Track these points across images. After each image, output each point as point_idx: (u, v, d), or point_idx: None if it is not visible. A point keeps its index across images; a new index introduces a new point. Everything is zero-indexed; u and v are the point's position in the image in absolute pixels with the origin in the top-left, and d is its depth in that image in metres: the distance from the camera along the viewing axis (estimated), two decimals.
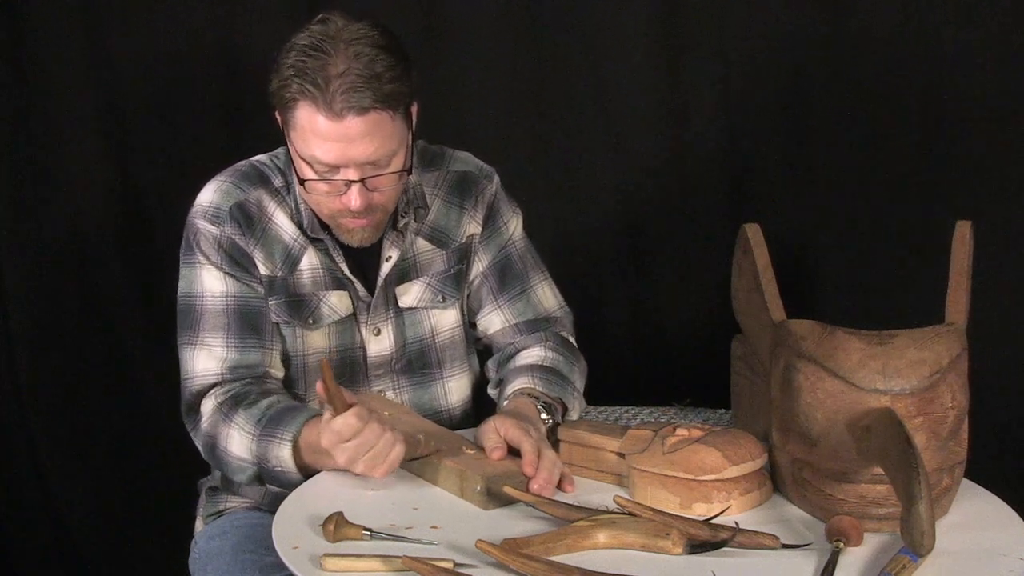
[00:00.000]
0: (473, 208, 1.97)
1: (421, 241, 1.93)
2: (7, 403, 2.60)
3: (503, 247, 1.99)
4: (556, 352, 1.94)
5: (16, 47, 2.49)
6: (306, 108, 1.69)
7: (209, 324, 1.83)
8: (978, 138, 2.32)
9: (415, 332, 1.94)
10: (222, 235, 1.83)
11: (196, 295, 1.85)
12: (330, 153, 1.71)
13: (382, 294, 1.91)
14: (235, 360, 1.82)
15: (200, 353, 1.83)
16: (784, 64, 2.42)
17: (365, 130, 1.69)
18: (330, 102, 1.67)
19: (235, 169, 1.90)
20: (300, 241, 1.86)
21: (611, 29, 2.47)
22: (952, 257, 1.61)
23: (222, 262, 1.84)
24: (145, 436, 2.61)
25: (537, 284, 2.01)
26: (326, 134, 1.69)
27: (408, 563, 1.37)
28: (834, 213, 2.44)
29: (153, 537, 2.60)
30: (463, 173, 1.98)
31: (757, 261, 1.69)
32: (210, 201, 1.85)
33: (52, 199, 2.56)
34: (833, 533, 1.45)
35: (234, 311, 1.83)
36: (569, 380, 1.90)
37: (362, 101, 1.67)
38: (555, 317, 2.02)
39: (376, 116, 1.69)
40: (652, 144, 2.52)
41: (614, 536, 1.46)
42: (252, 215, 1.85)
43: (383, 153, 1.73)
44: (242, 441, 1.76)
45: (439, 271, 1.95)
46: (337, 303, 1.88)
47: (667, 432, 1.61)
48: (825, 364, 1.49)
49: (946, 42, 2.31)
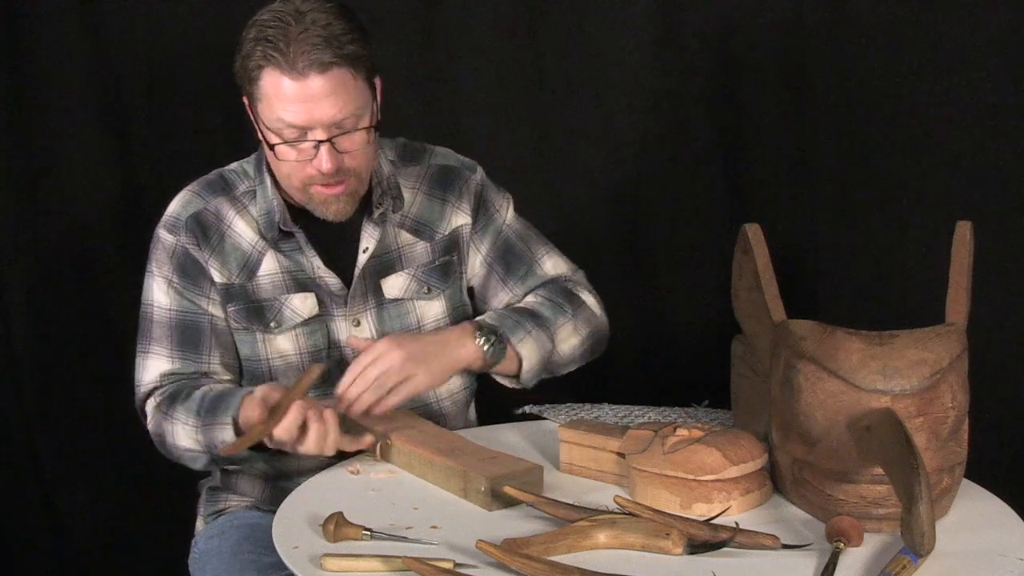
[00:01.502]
0: (458, 199, 1.99)
1: (404, 234, 1.96)
2: (7, 404, 2.60)
3: (500, 232, 2.01)
4: (541, 297, 1.97)
5: (16, 47, 2.49)
6: (270, 74, 1.75)
7: (156, 334, 1.92)
8: (978, 138, 2.32)
9: (401, 323, 1.95)
10: (177, 244, 1.89)
11: (148, 304, 1.94)
12: (297, 114, 1.75)
13: (360, 284, 1.92)
14: (175, 368, 1.91)
15: (148, 362, 1.93)
16: (784, 63, 2.42)
17: (328, 88, 1.74)
18: (293, 63, 1.72)
19: (203, 178, 1.96)
20: (259, 247, 1.90)
21: (611, 31, 2.47)
22: (952, 257, 1.61)
23: (171, 272, 1.90)
24: (145, 436, 2.59)
25: (542, 257, 2.03)
26: (291, 95, 1.74)
27: (408, 563, 1.37)
28: (834, 213, 2.44)
29: (153, 537, 2.60)
30: (445, 167, 2.01)
31: (757, 261, 1.69)
32: (172, 211, 1.93)
33: (52, 199, 2.56)
34: (833, 533, 1.45)
35: (176, 324, 1.91)
36: (533, 315, 1.92)
37: (322, 57, 1.73)
38: (562, 276, 2.03)
39: (338, 73, 1.74)
40: (652, 144, 2.51)
41: (614, 536, 1.46)
42: (208, 224, 1.89)
43: (348, 112, 1.77)
44: (187, 433, 1.83)
45: (424, 263, 1.96)
46: (300, 305, 1.90)
47: (667, 432, 1.61)
48: (825, 364, 1.49)
49: (947, 42, 2.31)
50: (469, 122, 2.54)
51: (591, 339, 1.99)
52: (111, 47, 2.52)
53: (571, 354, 1.97)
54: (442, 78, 2.53)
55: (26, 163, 2.54)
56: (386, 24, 2.46)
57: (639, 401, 2.02)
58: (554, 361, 1.94)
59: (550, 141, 2.55)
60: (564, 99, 2.52)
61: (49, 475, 2.64)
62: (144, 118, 2.54)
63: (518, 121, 2.54)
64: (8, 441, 2.62)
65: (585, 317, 1.98)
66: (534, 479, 1.64)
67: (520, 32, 2.50)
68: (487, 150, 2.38)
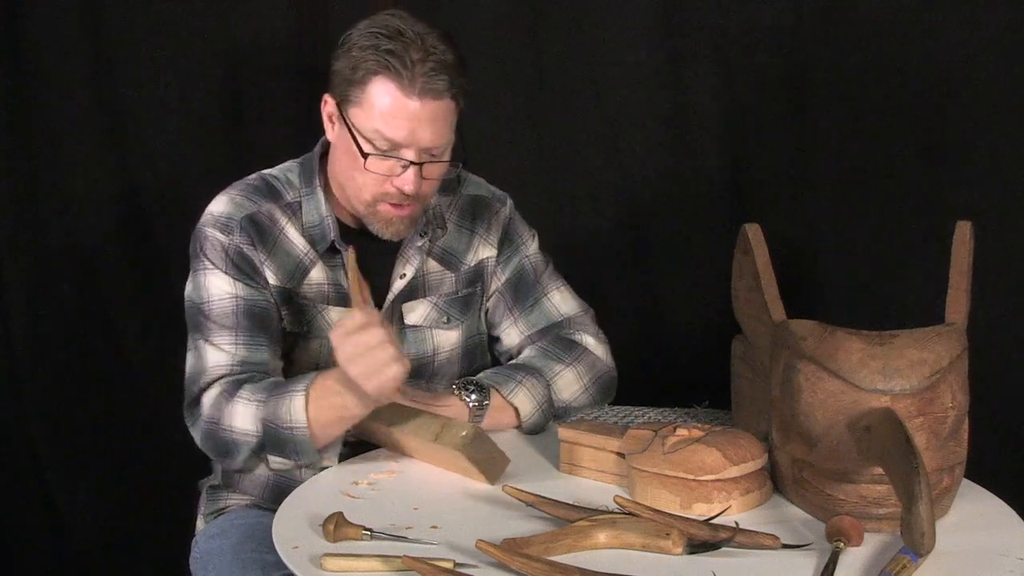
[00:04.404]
0: (486, 232, 2.00)
1: (432, 262, 1.96)
2: (7, 403, 2.60)
3: (519, 263, 2.02)
4: (537, 350, 1.97)
5: (16, 47, 2.49)
6: (383, 83, 1.74)
7: (218, 323, 1.84)
8: (978, 138, 2.32)
9: (417, 349, 1.95)
10: (231, 244, 1.85)
11: (204, 300, 1.85)
12: (399, 130, 1.75)
13: (390, 309, 1.92)
14: (244, 356, 1.83)
15: (209, 350, 1.84)
16: (784, 63, 2.42)
17: (435, 115, 1.76)
18: (412, 81, 1.73)
19: (246, 182, 1.92)
20: (310, 255, 1.89)
21: (611, 31, 2.47)
22: (952, 257, 1.61)
23: (227, 268, 1.85)
24: (145, 436, 2.61)
25: (551, 292, 2.03)
26: (400, 111, 1.75)
27: (408, 563, 1.37)
28: (834, 213, 2.44)
29: (153, 537, 2.60)
30: (476, 197, 2.01)
31: (757, 261, 1.69)
32: (221, 211, 1.87)
33: (52, 199, 2.56)
34: (833, 533, 1.45)
35: (244, 311, 1.84)
36: (524, 367, 1.92)
37: (440, 85, 1.75)
38: (569, 318, 2.02)
39: (447, 104, 1.77)
40: (652, 145, 2.51)
41: (614, 536, 1.46)
42: (264, 227, 1.87)
43: (443, 141, 1.80)
44: (247, 411, 1.77)
45: (447, 292, 1.97)
46: (335, 318, 1.89)
47: (667, 432, 1.61)
48: (825, 364, 1.49)
49: (947, 41, 2.31)
50: (469, 122, 2.53)
51: (595, 385, 1.98)
52: (111, 47, 2.52)
53: (575, 400, 1.96)
54: None
55: (26, 163, 2.54)
56: None
57: (639, 401, 2.02)
58: (558, 407, 1.94)
59: (550, 141, 2.54)
60: (564, 99, 2.52)
61: (49, 475, 2.63)
62: (144, 118, 2.54)
63: (518, 121, 2.54)
64: (8, 441, 2.62)
65: (588, 363, 1.98)
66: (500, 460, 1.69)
67: (520, 32, 2.50)
68: (487, 151, 2.38)
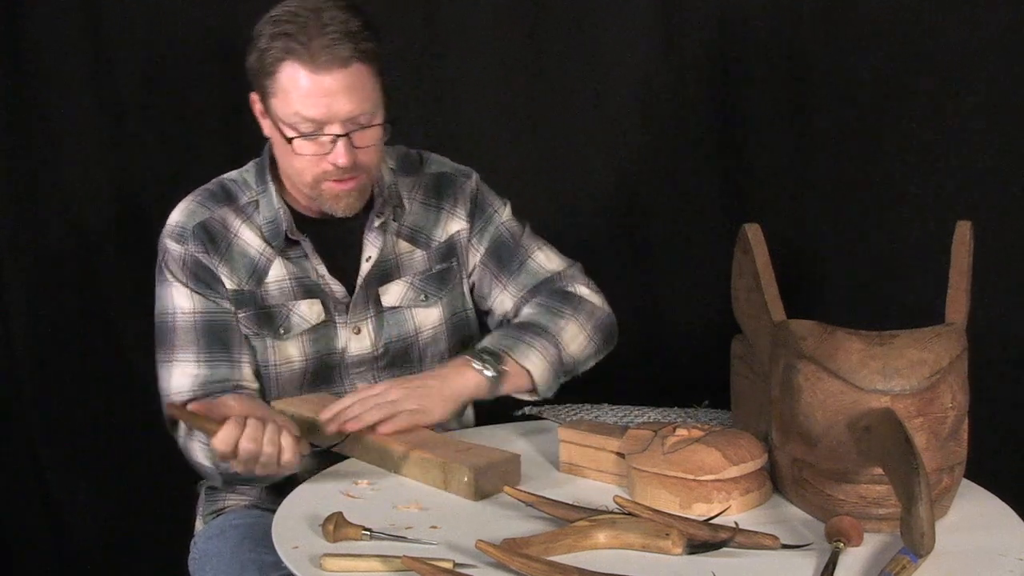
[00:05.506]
0: (453, 206, 2.00)
1: (402, 242, 1.97)
2: (7, 404, 2.60)
3: (496, 231, 2.02)
4: (537, 306, 1.97)
5: (16, 47, 2.49)
6: (290, 67, 1.76)
7: (180, 340, 1.88)
8: (979, 138, 2.32)
9: (399, 331, 1.96)
10: (186, 253, 1.88)
11: (168, 312, 1.89)
12: (315, 108, 1.76)
13: (362, 293, 1.93)
14: (205, 376, 1.86)
15: (174, 370, 1.88)
16: (784, 63, 2.42)
17: (347, 83, 1.76)
18: (314, 57, 1.74)
19: (203, 188, 1.95)
20: (267, 254, 1.90)
21: (611, 31, 2.47)
22: (952, 257, 1.61)
23: (187, 280, 1.88)
24: (145, 436, 2.59)
25: (534, 252, 2.04)
26: (312, 90, 1.76)
27: (408, 563, 1.37)
28: (834, 213, 2.44)
29: (153, 537, 2.60)
30: (439, 175, 2.02)
31: (757, 261, 1.69)
32: (176, 221, 1.91)
33: (52, 199, 2.56)
34: (833, 533, 1.45)
35: (202, 326, 1.87)
36: (530, 326, 1.92)
37: (343, 52, 1.75)
38: (558, 272, 2.03)
39: (357, 69, 1.76)
40: (652, 145, 2.51)
41: (614, 536, 1.46)
42: (215, 232, 1.89)
43: (365, 108, 1.79)
44: (203, 451, 1.81)
45: (420, 270, 1.98)
46: (307, 311, 1.91)
47: (667, 432, 1.61)
48: (825, 364, 1.49)
49: (947, 41, 2.31)
50: (469, 122, 2.54)
51: (599, 332, 1.99)
52: (111, 47, 2.52)
53: (582, 352, 1.97)
54: (442, 78, 2.53)
55: (26, 163, 2.54)
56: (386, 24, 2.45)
57: (639, 401, 2.02)
58: (567, 363, 1.94)
59: (550, 141, 2.54)
60: (564, 99, 2.52)
61: (49, 475, 2.64)
62: (144, 118, 2.54)
63: (518, 121, 2.54)
64: (8, 441, 2.62)
65: (587, 312, 1.98)
66: (512, 468, 1.68)
67: (520, 32, 2.50)
68: (487, 150, 2.38)
